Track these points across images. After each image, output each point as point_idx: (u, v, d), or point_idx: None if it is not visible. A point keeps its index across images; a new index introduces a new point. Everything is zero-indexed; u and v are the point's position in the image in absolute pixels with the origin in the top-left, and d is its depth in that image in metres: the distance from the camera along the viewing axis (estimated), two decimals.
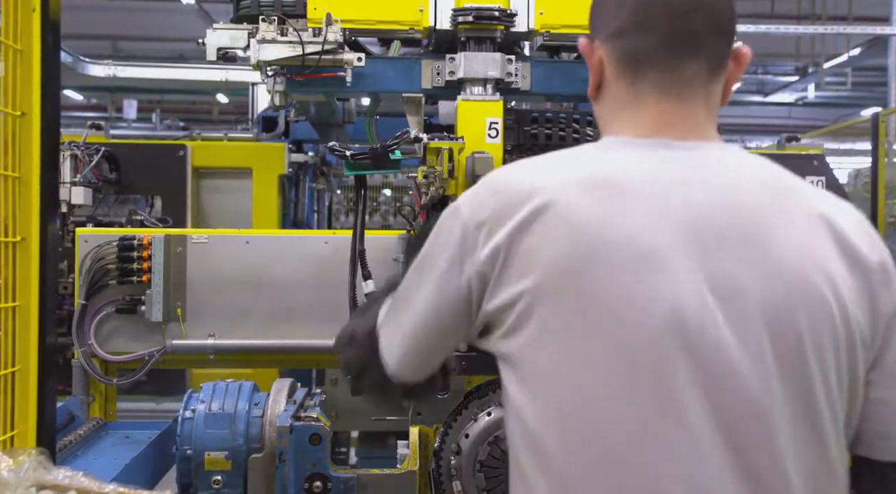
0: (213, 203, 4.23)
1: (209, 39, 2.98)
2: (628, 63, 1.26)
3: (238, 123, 13.19)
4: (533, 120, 3.00)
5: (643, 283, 1.11)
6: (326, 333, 2.93)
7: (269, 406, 2.22)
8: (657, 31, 1.23)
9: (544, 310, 1.14)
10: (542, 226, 1.14)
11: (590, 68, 1.31)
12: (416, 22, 3.00)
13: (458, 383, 2.05)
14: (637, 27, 1.24)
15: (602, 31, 1.29)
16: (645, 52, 1.24)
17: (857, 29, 12.85)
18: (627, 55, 1.26)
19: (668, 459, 1.09)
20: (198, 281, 2.91)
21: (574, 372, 1.13)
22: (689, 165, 1.21)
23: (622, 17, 1.25)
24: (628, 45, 1.25)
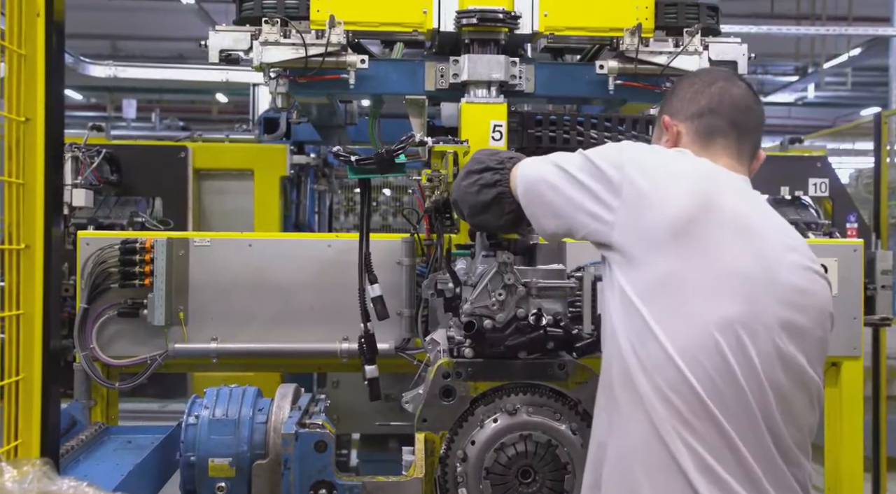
0: (214, 204, 4.22)
1: (211, 41, 2.96)
2: (704, 135, 1.89)
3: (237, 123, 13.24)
4: (537, 122, 2.99)
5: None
6: (330, 336, 2.94)
7: (274, 412, 2.20)
8: (725, 117, 1.89)
9: None
10: None
11: (667, 135, 1.94)
12: (420, 24, 2.98)
13: (465, 389, 2.04)
14: (711, 112, 1.90)
15: (682, 112, 1.93)
16: (717, 128, 1.89)
17: (857, 30, 12.84)
18: (703, 129, 1.89)
19: None
20: (200, 284, 2.89)
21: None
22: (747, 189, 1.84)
23: (700, 104, 1.91)
24: (705, 124, 1.89)
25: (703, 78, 1.99)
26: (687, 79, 2.04)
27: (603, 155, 1.79)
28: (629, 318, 1.63)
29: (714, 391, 1.54)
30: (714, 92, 1.92)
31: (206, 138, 4.32)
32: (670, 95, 2.02)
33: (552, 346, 2.04)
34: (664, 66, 2.97)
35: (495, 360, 2.03)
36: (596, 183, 1.74)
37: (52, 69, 1.50)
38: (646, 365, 1.58)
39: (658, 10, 3.00)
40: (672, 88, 2.06)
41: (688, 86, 1.98)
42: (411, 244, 2.91)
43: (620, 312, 1.65)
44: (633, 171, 1.70)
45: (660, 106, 2.09)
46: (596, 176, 1.75)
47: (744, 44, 3.08)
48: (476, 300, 2.05)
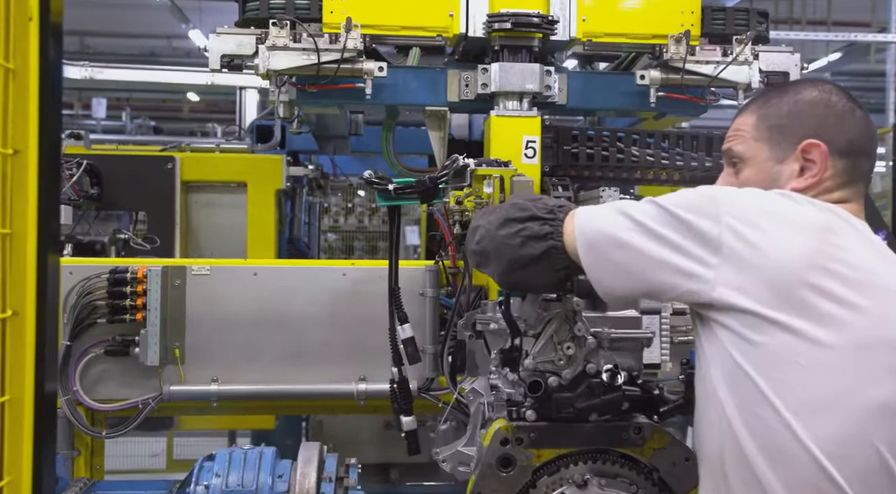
0: (203, 219, 3.88)
1: (212, 45, 2.64)
2: (846, 177, 1.57)
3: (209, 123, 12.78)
4: (573, 138, 2.71)
5: None
6: (345, 376, 2.64)
7: (298, 480, 1.89)
8: (871, 158, 1.62)
9: None
10: None
11: (815, 167, 1.56)
12: (445, 28, 2.69)
13: (526, 457, 1.75)
14: (861, 150, 1.59)
15: (831, 141, 1.56)
16: (861, 171, 1.59)
17: (838, 35, 12.79)
18: (849, 170, 1.57)
19: None
20: (198, 318, 2.57)
21: None
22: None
23: (850, 137, 1.57)
24: (851, 164, 1.58)
25: (839, 96, 1.58)
26: (817, 92, 1.59)
27: (688, 205, 1.45)
28: (742, 394, 1.35)
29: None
30: (860, 122, 1.57)
31: (196, 148, 3.98)
32: (800, 112, 1.58)
33: (626, 407, 1.76)
34: (712, 78, 2.71)
35: (562, 424, 1.74)
36: (683, 238, 1.42)
37: (47, 87, 1.19)
38: (772, 455, 1.31)
39: (704, 17, 2.75)
40: (797, 103, 1.59)
41: (825, 104, 1.57)
42: (436, 273, 2.62)
43: (729, 384, 1.37)
44: (734, 222, 1.39)
45: (767, 118, 1.62)
46: (681, 230, 1.42)
47: (796, 53, 2.84)
48: (539, 353, 1.76)
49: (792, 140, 1.57)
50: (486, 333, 2.16)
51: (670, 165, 2.73)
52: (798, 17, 14.74)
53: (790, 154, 1.57)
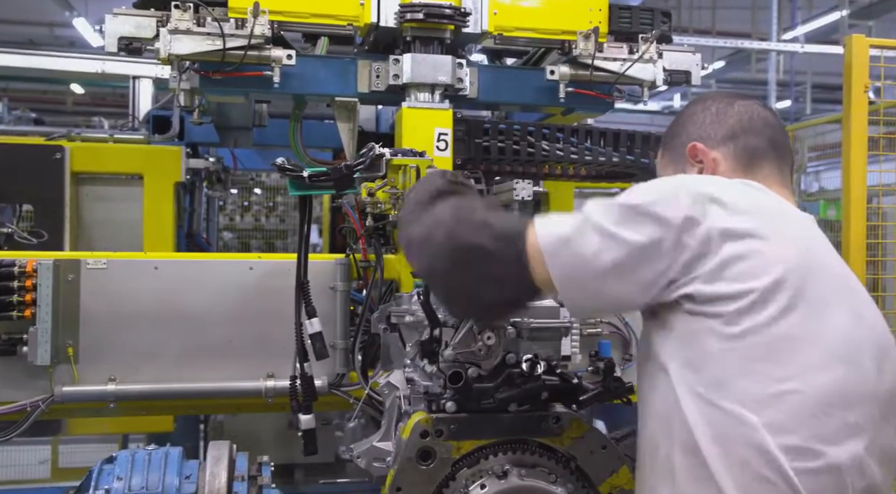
0: (96, 213, 3.68)
1: (109, 27, 2.50)
2: (745, 159, 1.65)
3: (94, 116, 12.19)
4: (485, 131, 2.71)
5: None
6: (252, 373, 2.55)
7: (207, 480, 1.80)
8: (763, 136, 1.66)
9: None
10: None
11: (698, 166, 1.67)
12: (356, 17, 2.64)
13: (446, 449, 1.72)
14: (745, 132, 1.66)
15: (710, 136, 1.67)
16: (758, 149, 1.65)
17: (719, 42, 13.39)
18: (743, 152, 1.65)
19: None
20: (94, 315, 2.43)
21: None
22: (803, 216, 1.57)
23: (729, 124, 1.67)
24: (742, 146, 1.65)
25: (715, 99, 1.73)
26: (695, 103, 1.76)
27: (657, 197, 1.42)
28: (704, 384, 1.37)
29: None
30: (739, 110, 1.68)
31: (87, 137, 3.77)
32: (682, 124, 1.74)
33: (545, 397, 1.76)
34: (619, 75, 2.76)
35: (482, 415, 1.73)
36: (656, 229, 1.38)
37: None
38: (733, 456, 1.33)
39: (612, 15, 2.79)
40: (680, 117, 1.77)
41: (702, 109, 1.72)
42: (346, 267, 2.56)
43: (693, 373, 1.38)
44: (714, 211, 1.38)
45: (665, 139, 1.80)
46: (654, 222, 1.39)
47: (697, 53, 2.92)
48: (459, 344, 1.74)
49: (681, 150, 1.70)
50: (402, 326, 2.13)
51: (579, 160, 2.76)
52: (686, 25, 15.36)
53: (685, 162, 1.69)
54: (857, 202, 3.18)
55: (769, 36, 13.41)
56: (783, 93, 15.52)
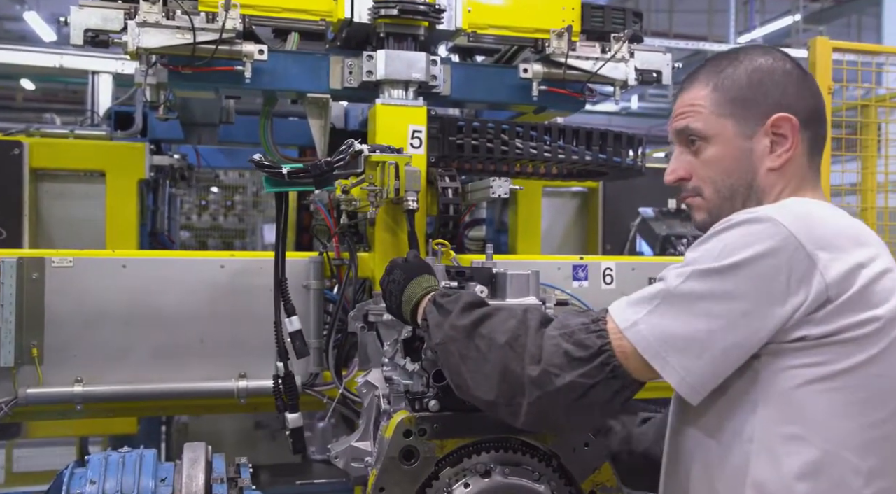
0: (56, 211, 3.58)
1: (74, 19, 2.44)
2: (813, 145, 1.53)
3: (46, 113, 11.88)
4: (459, 129, 2.70)
5: None
6: (223, 374, 2.50)
7: (184, 483, 1.76)
8: (824, 125, 1.55)
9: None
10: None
11: (785, 142, 1.49)
12: (329, 13, 2.61)
13: (429, 449, 1.71)
14: (820, 117, 1.53)
15: (794, 110, 1.49)
16: (822, 137, 1.55)
17: (680, 44, 13.58)
18: (814, 138, 1.53)
19: None
20: (59, 314, 2.36)
21: None
22: None
23: (810, 104, 1.51)
24: (816, 130, 1.53)
25: (785, 61, 1.51)
26: (759, 59, 1.50)
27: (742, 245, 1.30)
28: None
29: None
30: (813, 85, 1.52)
31: (46, 133, 3.66)
32: (758, 80, 1.48)
33: None
34: (591, 73, 2.77)
35: (465, 413, 1.71)
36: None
37: None
38: None
39: (584, 14, 2.80)
40: (750, 67, 1.50)
41: (781, 69, 1.49)
42: (320, 265, 2.53)
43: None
44: (823, 257, 1.29)
45: (725, 84, 1.51)
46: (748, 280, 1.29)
47: (668, 53, 2.95)
48: None
49: (758, 113, 1.48)
50: (380, 324, 2.11)
51: (552, 158, 2.77)
52: (645, 27, 15.56)
53: (759, 128, 1.49)
54: None
55: (725, 39, 13.62)
56: None
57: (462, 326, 1.52)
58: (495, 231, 3.86)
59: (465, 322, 1.52)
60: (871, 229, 1.44)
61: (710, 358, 1.30)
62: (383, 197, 2.17)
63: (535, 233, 3.71)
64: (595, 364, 1.36)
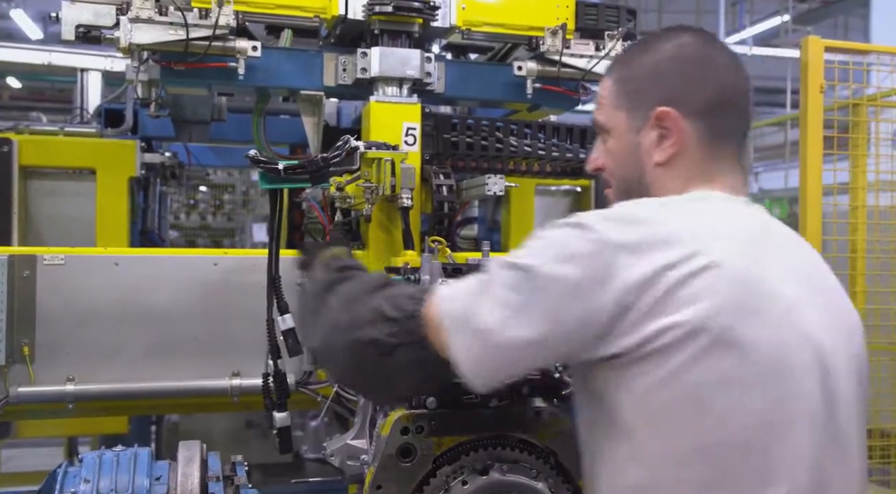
0: (45, 209, 3.55)
1: (66, 14, 2.43)
2: (710, 137, 1.42)
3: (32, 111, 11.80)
4: (453, 126, 2.69)
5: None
6: (217, 372, 2.48)
7: (179, 481, 1.74)
8: (737, 114, 1.44)
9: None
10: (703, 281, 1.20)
11: (663, 135, 1.41)
12: (323, 9, 2.60)
13: (427, 446, 1.70)
14: (723, 108, 1.42)
15: (685, 101, 1.41)
16: (727, 129, 1.43)
17: None
18: (712, 131, 1.41)
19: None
20: (51, 312, 2.34)
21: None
22: (769, 222, 1.41)
23: (708, 95, 1.41)
24: (714, 123, 1.41)
25: (694, 44, 1.42)
26: (669, 42, 1.43)
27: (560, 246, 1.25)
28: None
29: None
30: (723, 70, 1.41)
31: (36, 130, 3.64)
32: (652, 71, 1.43)
33: (526, 391, 1.75)
34: (586, 71, 2.77)
35: (463, 411, 1.71)
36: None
37: None
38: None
39: (578, 12, 2.80)
40: (650, 57, 1.43)
41: (680, 59, 1.41)
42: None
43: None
44: (620, 255, 1.21)
45: (624, 75, 1.46)
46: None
47: None
48: None
49: (647, 106, 1.42)
50: None
51: (546, 156, 2.77)
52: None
53: (646, 122, 1.43)
54: (813, 199, 3.25)
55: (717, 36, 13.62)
56: None
57: (324, 282, 1.64)
58: (487, 229, 3.86)
59: (328, 278, 1.66)
60: (726, 226, 1.32)
61: (494, 347, 1.25)
62: (379, 194, 2.16)
63: (527, 231, 3.68)
64: (403, 326, 1.38)
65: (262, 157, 1.97)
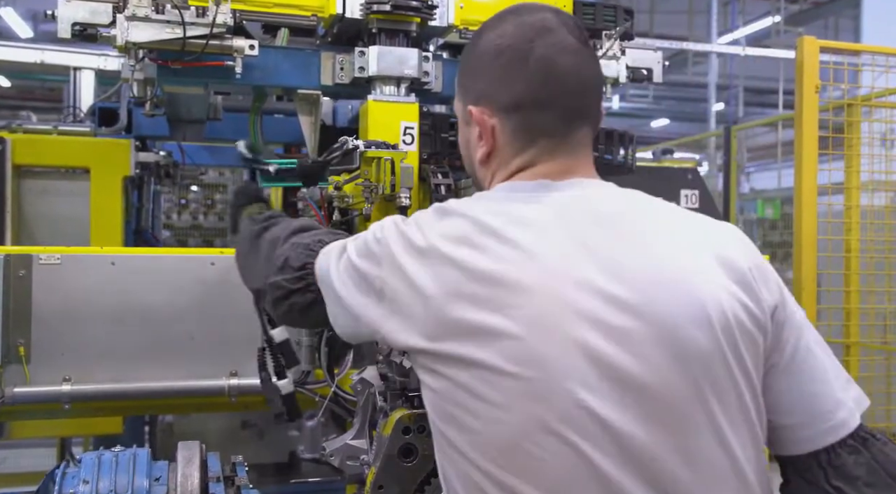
0: (39, 208, 3.52)
1: (62, 12, 2.41)
2: (523, 134, 1.34)
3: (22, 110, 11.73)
4: (451, 126, 2.68)
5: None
6: (214, 372, 2.48)
7: (179, 482, 1.73)
8: (554, 108, 1.32)
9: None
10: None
11: (481, 133, 1.36)
12: (320, 8, 2.59)
13: (428, 445, 1.69)
14: (535, 104, 1.31)
15: (493, 100, 1.34)
16: (542, 125, 1.32)
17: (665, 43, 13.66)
18: (524, 128, 1.33)
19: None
20: (47, 312, 2.33)
21: None
22: (571, 196, 1.29)
23: (517, 91, 1.31)
24: (525, 119, 1.32)
25: (511, 35, 1.32)
26: (490, 34, 1.36)
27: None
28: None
29: None
30: (535, 68, 1.29)
31: (29, 129, 3.61)
32: (472, 66, 1.38)
33: None
34: None
35: None
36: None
37: None
38: None
39: (576, 11, 2.80)
40: (473, 51, 1.40)
41: (494, 53, 1.33)
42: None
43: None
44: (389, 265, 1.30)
45: (460, 70, 1.45)
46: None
47: (658, 51, 2.96)
48: None
49: (465, 102, 1.40)
50: None
51: None
52: None
53: (467, 116, 1.40)
54: (808, 199, 3.26)
55: (706, 39, 13.73)
56: (720, 95, 15.91)
57: (254, 230, 1.86)
58: None
59: (257, 227, 1.86)
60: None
61: (342, 310, 1.42)
62: (378, 193, 2.15)
63: None
64: (296, 274, 1.57)
65: (251, 156, 1.96)
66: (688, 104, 18.46)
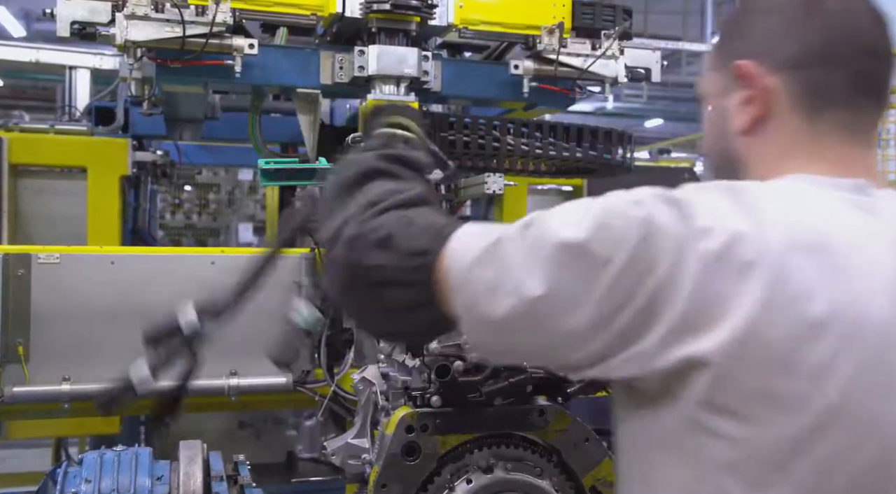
0: (36, 207, 3.51)
1: (61, 10, 2.40)
2: (809, 100, 1.09)
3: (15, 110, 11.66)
4: (450, 125, 2.68)
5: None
6: (214, 371, 2.47)
7: (182, 481, 1.73)
8: (847, 68, 1.09)
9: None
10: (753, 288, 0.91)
11: (748, 96, 1.11)
12: (320, 7, 2.59)
13: (431, 445, 1.69)
14: (824, 60, 1.09)
15: (772, 52, 1.10)
16: (831, 89, 1.09)
17: (661, 43, 13.65)
18: (809, 90, 1.09)
19: None
20: (46, 311, 2.32)
21: None
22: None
23: (804, 45, 1.09)
24: (811, 79, 1.09)
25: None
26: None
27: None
28: None
29: None
30: (831, 20, 1.08)
31: (26, 128, 3.60)
32: (740, 20, 1.17)
33: (531, 390, 1.75)
34: (582, 70, 2.77)
35: (467, 409, 1.70)
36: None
37: None
38: None
39: (574, 10, 2.80)
40: (733, 12, 1.21)
41: (772, 2, 1.13)
42: (311, 261, 2.51)
43: None
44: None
45: (722, 32, 1.23)
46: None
47: (657, 51, 2.96)
48: (444, 338, 1.71)
49: (730, 61, 1.14)
50: None
51: (543, 155, 2.77)
52: None
53: (730, 80, 1.14)
54: None
55: (700, 40, 13.75)
56: None
57: (357, 172, 1.29)
58: None
59: (363, 169, 1.30)
60: None
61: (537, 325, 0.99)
62: None
63: None
64: (409, 263, 1.09)
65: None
66: (682, 104, 18.47)
